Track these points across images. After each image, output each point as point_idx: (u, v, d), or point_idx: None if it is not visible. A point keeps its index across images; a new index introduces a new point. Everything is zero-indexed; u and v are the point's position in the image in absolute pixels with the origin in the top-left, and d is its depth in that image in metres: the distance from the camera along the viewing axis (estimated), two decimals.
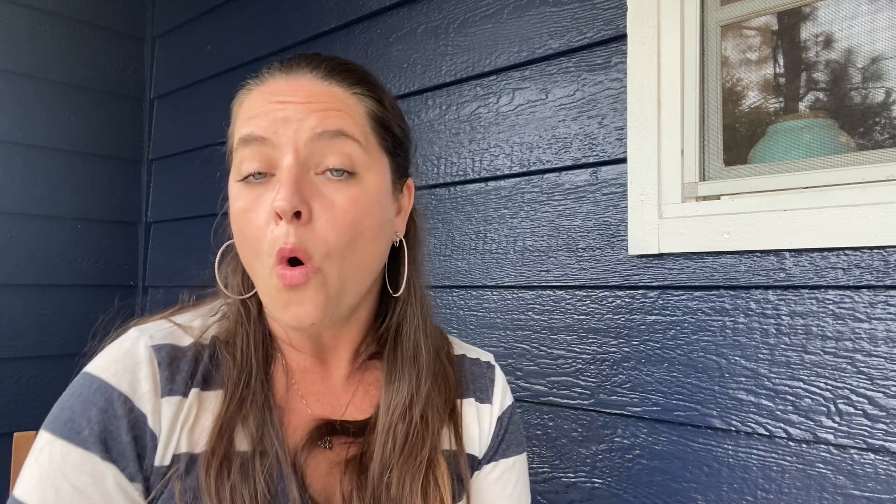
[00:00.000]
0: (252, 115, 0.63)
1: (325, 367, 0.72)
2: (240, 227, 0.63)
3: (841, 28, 1.04)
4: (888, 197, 0.86)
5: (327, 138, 0.62)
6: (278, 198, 0.58)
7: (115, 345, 0.64)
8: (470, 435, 0.76)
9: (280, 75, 0.65)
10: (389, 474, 0.66)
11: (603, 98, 1.16)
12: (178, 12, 2.13)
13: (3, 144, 1.89)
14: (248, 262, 0.64)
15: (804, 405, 0.92)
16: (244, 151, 0.62)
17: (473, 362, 0.80)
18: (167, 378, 0.63)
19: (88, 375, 0.61)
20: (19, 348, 1.91)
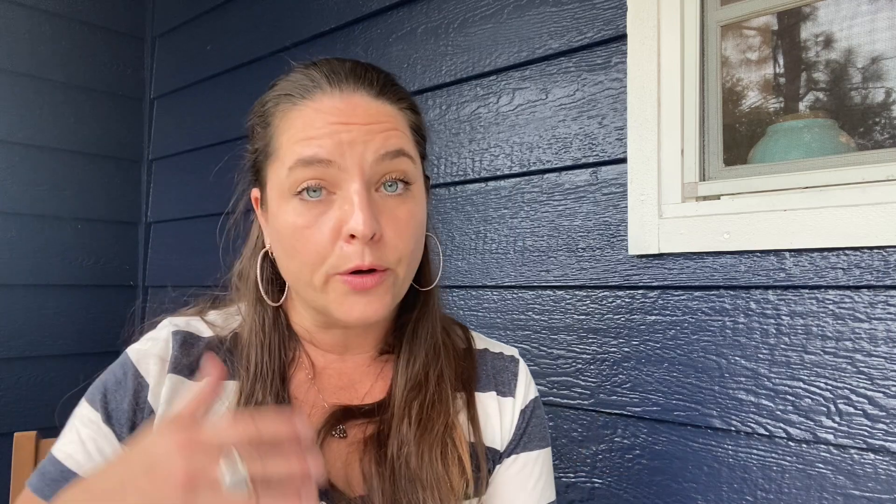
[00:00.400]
0: (310, 135, 0.63)
1: (346, 363, 0.75)
2: (294, 244, 0.64)
3: (841, 28, 1.04)
4: (888, 197, 0.86)
5: (389, 158, 0.64)
6: (355, 222, 0.61)
7: (149, 332, 0.72)
8: (491, 428, 0.76)
9: (332, 91, 0.65)
10: (408, 448, 0.68)
11: (603, 98, 1.16)
12: (178, 12, 2.13)
13: (3, 144, 1.89)
14: (299, 274, 0.66)
15: (804, 405, 0.92)
16: (304, 171, 0.63)
17: (496, 356, 0.81)
18: (176, 357, 0.69)
19: (124, 356, 0.70)
20: (19, 348, 1.91)
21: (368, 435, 0.70)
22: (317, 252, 0.63)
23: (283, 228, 0.66)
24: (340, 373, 0.74)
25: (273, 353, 0.70)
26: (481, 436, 0.74)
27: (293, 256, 0.65)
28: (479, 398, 0.77)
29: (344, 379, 0.74)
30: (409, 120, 0.69)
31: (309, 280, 0.65)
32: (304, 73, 0.68)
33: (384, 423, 0.70)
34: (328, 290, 0.64)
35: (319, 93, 0.65)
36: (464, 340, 0.80)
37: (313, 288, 0.65)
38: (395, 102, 0.68)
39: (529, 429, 0.78)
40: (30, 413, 1.89)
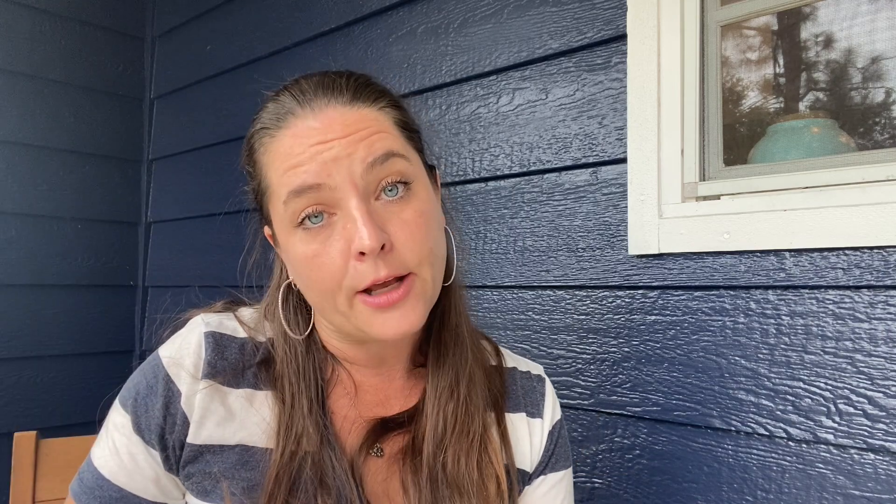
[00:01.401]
0: (294, 163, 0.61)
1: (381, 377, 0.74)
2: (309, 274, 0.63)
3: (841, 28, 1.04)
4: (888, 197, 0.86)
5: (379, 164, 0.62)
6: (363, 238, 0.59)
7: (180, 331, 0.70)
8: (521, 450, 0.76)
9: (304, 112, 0.63)
10: (444, 454, 0.67)
11: (603, 98, 1.16)
12: (178, 12, 2.13)
13: (3, 144, 1.89)
14: (322, 303, 0.65)
15: (804, 405, 0.92)
16: (299, 201, 0.61)
17: (524, 375, 0.81)
18: (209, 362, 0.66)
19: (155, 355, 0.69)
20: (19, 348, 1.91)
21: (404, 446, 0.69)
22: (332, 277, 0.61)
23: (294, 261, 0.65)
24: (376, 388, 0.73)
25: (309, 380, 0.69)
26: (513, 457, 0.74)
27: (311, 286, 0.64)
28: (509, 419, 0.76)
29: (380, 395, 0.73)
30: (392, 118, 0.67)
31: (333, 306, 0.63)
32: (275, 100, 0.66)
33: (418, 430, 0.69)
34: (355, 312, 0.63)
35: (292, 118, 0.63)
36: (493, 357, 0.79)
37: (341, 313, 0.63)
38: (371, 104, 0.65)
39: (556, 450, 0.79)
40: (30, 413, 1.89)
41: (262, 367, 0.69)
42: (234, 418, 0.66)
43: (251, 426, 0.67)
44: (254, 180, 0.69)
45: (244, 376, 0.68)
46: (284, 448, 0.65)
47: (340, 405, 0.71)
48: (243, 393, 0.67)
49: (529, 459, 0.77)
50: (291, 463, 0.64)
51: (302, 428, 0.66)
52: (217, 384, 0.66)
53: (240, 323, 0.71)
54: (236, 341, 0.69)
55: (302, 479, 0.64)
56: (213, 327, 0.69)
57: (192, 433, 0.65)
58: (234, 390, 0.67)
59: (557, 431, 0.79)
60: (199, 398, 0.65)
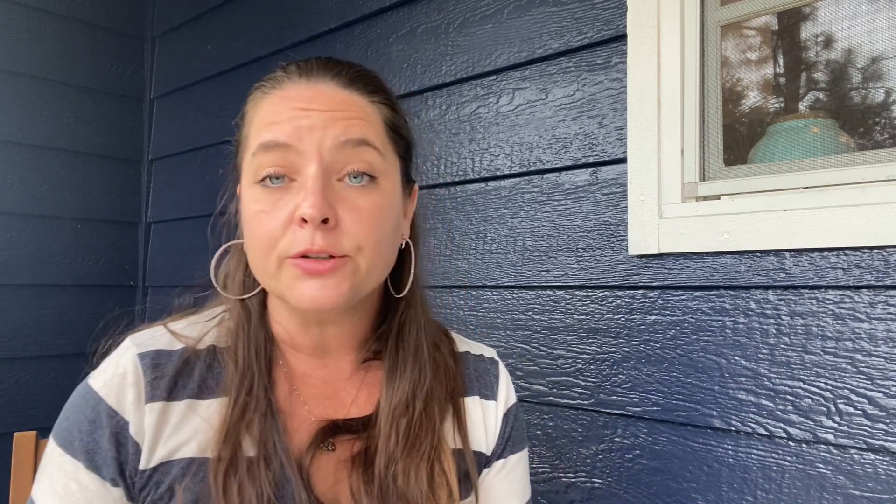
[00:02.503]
0: (273, 120, 0.63)
1: (328, 369, 0.73)
2: (252, 229, 0.64)
3: (841, 28, 1.04)
4: (888, 197, 0.86)
5: (350, 147, 0.63)
6: (306, 205, 0.60)
7: (110, 357, 0.68)
8: (476, 433, 0.76)
9: (300, 80, 0.66)
10: (395, 467, 0.67)
11: (603, 98, 1.16)
12: (178, 12, 2.13)
13: (3, 144, 1.89)
14: (256, 261, 0.65)
15: (804, 405, 0.92)
16: (265, 157, 0.63)
17: (477, 359, 0.81)
18: (150, 384, 0.65)
19: (86, 387, 0.66)
20: (19, 348, 1.91)
21: (356, 452, 0.69)
22: (269, 236, 0.62)
23: (245, 216, 0.65)
24: (323, 381, 0.72)
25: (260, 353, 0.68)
26: (468, 441, 0.74)
27: (251, 243, 0.65)
28: (465, 403, 0.77)
29: (328, 388, 0.72)
30: (382, 114, 0.68)
31: (264, 265, 0.64)
32: (283, 68, 0.68)
33: (371, 441, 0.69)
34: (281, 274, 0.63)
35: (288, 82, 0.66)
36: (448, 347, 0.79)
37: (269, 274, 0.64)
38: (366, 94, 0.67)
39: (513, 433, 0.79)
40: (30, 413, 1.89)
41: (205, 372, 0.68)
42: (179, 433, 0.65)
43: (198, 436, 0.65)
44: (238, 133, 0.70)
45: (187, 387, 0.67)
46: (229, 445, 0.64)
47: (284, 397, 0.70)
48: (187, 403, 0.66)
49: (485, 442, 0.77)
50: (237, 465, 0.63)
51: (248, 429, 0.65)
52: (161, 402, 0.65)
53: (173, 335, 0.69)
54: (173, 354, 0.68)
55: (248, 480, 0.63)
56: (144, 347, 0.67)
57: (145, 458, 0.63)
58: (178, 403, 0.66)
59: (513, 415, 0.80)
60: (147, 422, 0.64)
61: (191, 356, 0.68)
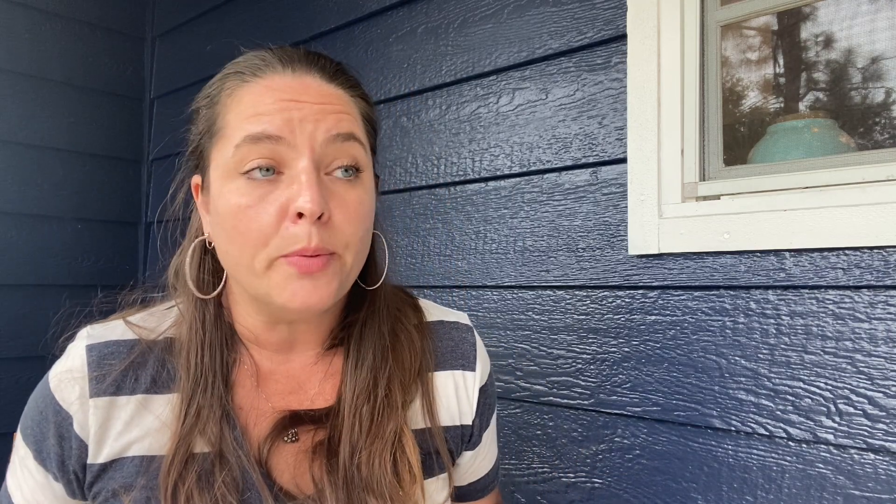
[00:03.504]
0: (260, 111, 0.61)
1: (292, 363, 0.72)
2: (236, 224, 0.61)
3: (841, 28, 1.04)
4: (888, 197, 0.86)
5: (340, 141, 0.63)
6: (303, 200, 0.59)
7: (67, 348, 0.68)
8: (450, 406, 0.76)
9: (285, 71, 0.64)
10: (359, 456, 0.67)
11: (603, 98, 1.16)
12: (178, 12, 2.13)
13: (3, 144, 1.89)
14: (239, 258, 0.62)
15: (804, 405, 0.92)
16: (252, 148, 0.60)
17: (452, 327, 0.79)
18: (95, 378, 0.64)
19: (44, 379, 0.67)
20: (19, 348, 1.91)
21: (318, 441, 0.68)
22: (260, 232, 0.60)
23: (224, 209, 0.62)
24: (288, 376, 0.71)
25: (214, 356, 0.66)
26: (437, 419, 0.73)
27: (234, 239, 0.62)
28: (436, 379, 0.75)
29: (292, 382, 0.71)
30: (361, 108, 0.68)
31: (250, 264, 0.61)
32: (256, 54, 0.67)
33: (334, 430, 0.68)
34: (271, 274, 0.61)
35: (271, 71, 0.64)
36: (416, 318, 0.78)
37: (254, 273, 0.61)
38: (347, 88, 0.67)
39: (490, 401, 0.81)
40: None
41: (159, 366, 0.67)
42: (131, 429, 0.64)
43: (152, 433, 0.64)
44: (204, 122, 0.67)
45: (139, 380, 0.66)
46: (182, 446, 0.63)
47: (246, 395, 0.69)
48: (139, 399, 0.65)
49: (460, 413, 0.76)
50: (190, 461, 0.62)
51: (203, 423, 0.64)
52: (108, 397, 0.64)
53: (129, 325, 0.68)
54: (123, 346, 0.66)
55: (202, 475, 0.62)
56: (95, 339, 0.67)
57: (92, 454, 0.63)
58: (129, 398, 0.65)
59: (490, 385, 0.81)
60: (92, 418, 0.63)
61: (144, 349, 0.67)
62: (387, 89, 1.50)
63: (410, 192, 1.45)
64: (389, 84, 1.50)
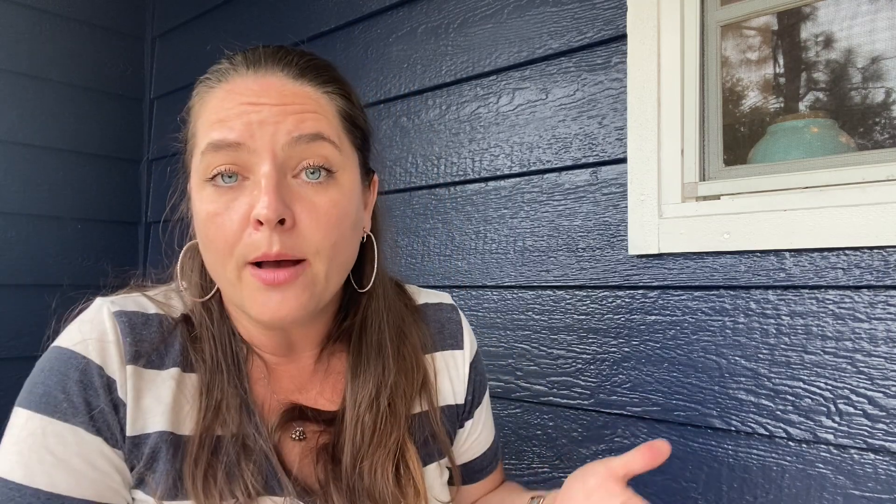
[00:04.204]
0: (221, 117, 0.60)
1: (293, 364, 0.72)
2: (207, 232, 0.61)
3: (841, 28, 1.04)
4: (888, 197, 0.86)
5: (305, 142, 0.60)
6: (261, 206, 0.57)
7: (80, 317, 0.64)
8: (442, 387, 0.77)
9: (247, 73, 0.62)
10: (361, 464, 0.67)
11: (603, 98, 1.16)
12: (178, 12, 2.13)
13: (3, 144, 1.89)
14: (214, 266, 0.63)
15: (804, 405, 0.92)
16: (214, 157, 0.60)
17: (437, 308, 0.80)
18: (130, 344, 0.62)
19: (59, 349, 0.61)
20: (19, 348, 1.90)
21: (322, 444, 0.68)
22: (225, 240, 0.59)
23: (197, 217, 0.62)
24: (290, 376, 0.71)
25: (226, 349, 0.66)
26: (434, 402, 0.74)
27: (207, 247, 0.62)
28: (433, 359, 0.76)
29: (294, 382, 0.71)
30: (336, 106, 0.65)
31: (223, 273, 0.61)
32: (227, 58, 0.66)
33: (338, 436, 0.68)
34: (241, 284, 0.60)
35: (234, 74, 0.63)
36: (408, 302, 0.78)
37: (229, 282, 0.61)
38: (318, 86, 0.64)
39: (480, 378, 0.81)
40: None
41: (185, 345, 0.66)
42: (160, 403, 0.62)
43: (178, 410, 0.63)
44: (185, 129, 0.67)
45: (168, 355, 0.64)
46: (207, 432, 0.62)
47: (259, 388, 0.69)
48: (171, 374, 0.64)
49: (453, 392, 0.77)
50: (212, 441, 0.62)
51: (224, 406, 0.64)
52: (140, 368, 0.62)
53: (149, 300, 0.67)
54: (151, 319, 0.65)
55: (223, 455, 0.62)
56: (119, 306, 0.64)
57: (130, 424, 0.61)
58: (160, 372, 0.63)
59: (479, 361, 0.81)
60: (129, 385, 0.61)
61: (170, 325, 0.66)
62: (387, 89, 1.50)
63: (410, 192, 1.45)
64: (389, 84, 1.50)
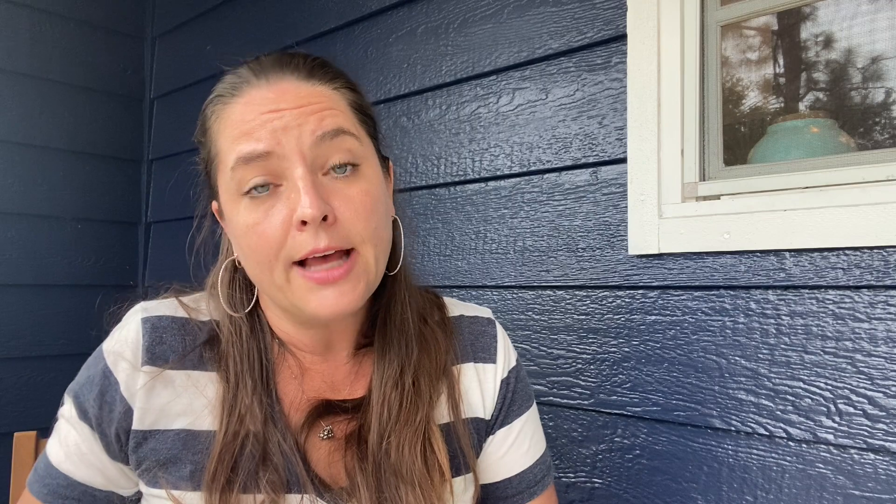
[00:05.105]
0: (245, 130, 0.62)
1: (327, 363, 0.73)
2: (249, 242, 0.63)
3: (841, 28, 1.04)
4: (888, 197, 0.86)
5: (329, 139, 0.62)
6: (303, 206, 0.59)
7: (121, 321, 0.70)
8: (472, 398, 0.76)
9: (259, 83, 0.64)
10: (388, 441, 0.67)
11: (603, 98, 1.16)
12: (178, 12, 2.13)
13: (3, 144, 1.89)
14: (259, 274, 0.64)
15: (804, 405, 0.92)
16: (246, 170, 0.61)
17: (473, 321, 0.80)
18: (147, 348, 0.67)
19: (98, 349, 0.69)
20: (19, 348, 1.91)
21: (349, 432, 0.69)
22: (269, 246, 0.61)
23: (237, 231, 0.64)
24: (323, 375, 0.73)
25: (253, 363, 0.68)
26: (460, 413, 0.74)
27: (250, 257, 0.64)
28: (460, 371, 0.76)
29: (326, 381, 0.73)
30: (347, 99, 0.67)
31: (271, 279, 0.63)
32: (233, 72, 0.68)
33: (364, 419, 0.69)
34: (292, 287, 0.62)
35: (247, 86, 0.64)
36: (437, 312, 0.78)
37: (277, 286, 0.63)
38: (327, 83, 0.66)
39: (516, 396, 0.79)
40: (30, 413, 1.89)
41: (207, 346, 0.69)
42: (178, 401, 0.66)
43: (196, 408, 0.66)
44: (204, 149, 0.69)
45: (187, 357, 0.68)
46: (227, 427, 0.65)
47: (287, 387, 0.70)
48: (187, 374, 0.67)
49: (483, 406, 0.76)
50: (234, 441, 0.64)
51: (246, 407, 0.65)
52: (158, 368, 0.66)
53: (180, 304, 0.71)
54: (176, 322, 0.69)
55: (245, 457, 0.64)
56: (150, 312, 0.69)
57: (137, 419, 0.65)
58: (177, 373, 0.67)
59: (514, 377, 0.79)
60: (140, 385, 0.65)
61: (194, 328, 0.69)
62: (387, 89, 1.50)
63: (410, 192, 1.45)
64: (389, 84, 1.50)
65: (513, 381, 0.78)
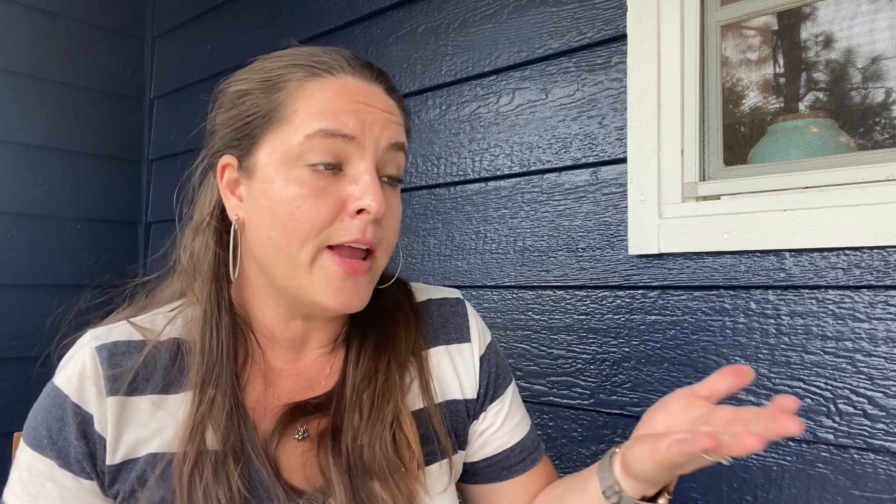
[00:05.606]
0: (335, 108, 0.64)
1: (301, 362, 0.73)
2: (292, 211, 0.62)
3: (841, 28, 1.04)
4: (888, 197, 0.86)
5: (395, 150, 0.67)
6: (370, 199, 0.62)
7: (70, 353, 0.67)
8: (448, 382, 0.76)
9: (355, 73, 0.67)
10: (360, 441, 0.67)
11: (603, 98, 1.16)
12: (178, 12, 2.13)
13: (3, 144, 1.89)
14: (288, 248, 0.63)
15: (804, 405, 0.92)
16: (323, 142, 0.63)
17: (441, 303, 0.80)
18: (108, 378, 0.64)
19: (50, 386, 0.66)
20: (19, 348, 1.91)
21: (322, 429, 0.69)
22: (315, 222, 0.62)
23: (279, 195, 0.63)
24: (297, 374, 0.72)
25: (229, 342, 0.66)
26: (433, 398, 0.74)
27: (285, 226, 0.62)
28: (430, 356, 0.76)
29: (301, 381, 0.72)
30: (406, 122, 0.72)
31: (295, 254, 0.62)
32: (322, 50, 0.68)
33: (337, 416, 0.69)
34: (315, 268, 0.63)
35: (343, 73, 0.66)
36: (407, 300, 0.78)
37: (296, 264, 0.63)
38: (398, 101, 0.71)
39: (499, 370, 0.80)
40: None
41: (170, 367, 0.67)
42: (145, 427, 0.64)
43: (165, 432, 0.65)
44: (264, 105, 0.66)
45: (149, 381, 0.66)
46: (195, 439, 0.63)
47: (256, 393, 0.69)
48: (151, 399, 0.65)
49: (459, 388, 0.76)
50: (204, 455, 0.63)
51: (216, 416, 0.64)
52: (122, 397, 0.64)
53: (133, 326, 0.68)
54: (133, 346, 0.66)
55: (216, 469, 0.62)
56: (102, 340, 0.66)
57: (109, 454, 0.63)
58: (141, 398, 0.65)
59: (493, 352, 0.80)
60: (109, 416, 0.63)
61: (153, 350, 0.67)
62: None
63: (410, 192, 1.45)
64: None
65: (493, 356, 0.80)
